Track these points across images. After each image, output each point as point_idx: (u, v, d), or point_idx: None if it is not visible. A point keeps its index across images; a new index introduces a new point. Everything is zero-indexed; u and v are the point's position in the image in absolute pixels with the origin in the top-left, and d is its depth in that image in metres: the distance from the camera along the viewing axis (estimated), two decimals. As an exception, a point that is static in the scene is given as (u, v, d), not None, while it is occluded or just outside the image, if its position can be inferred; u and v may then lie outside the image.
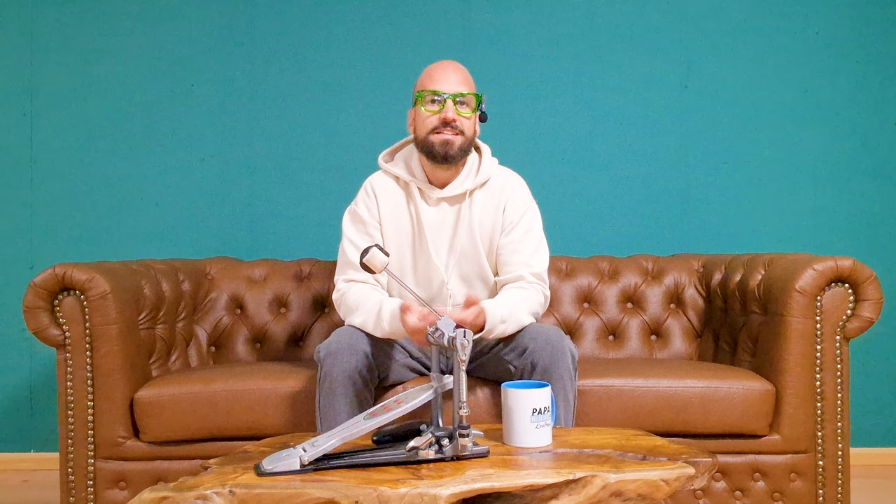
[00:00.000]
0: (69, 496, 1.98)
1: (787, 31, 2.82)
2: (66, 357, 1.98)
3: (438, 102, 1.91)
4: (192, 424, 1.95)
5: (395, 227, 1.99)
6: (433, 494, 1.18)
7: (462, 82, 1.93)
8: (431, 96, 1.92)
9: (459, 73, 1.95)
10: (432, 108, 1.92)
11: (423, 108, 1.92)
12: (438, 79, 1.92)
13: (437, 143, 1.91)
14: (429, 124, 1.92)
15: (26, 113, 2.80)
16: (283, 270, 2.51)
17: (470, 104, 1.94)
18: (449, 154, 1.91)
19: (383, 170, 2.03)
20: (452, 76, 1.93)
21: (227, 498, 1.19)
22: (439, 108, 1.91)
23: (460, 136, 1.92)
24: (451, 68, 1.95)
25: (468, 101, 1.93)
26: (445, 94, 1.90)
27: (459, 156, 1.93)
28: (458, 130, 1.91)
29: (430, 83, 1.93)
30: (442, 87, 1.91)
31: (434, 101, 1.91)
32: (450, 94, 1.90)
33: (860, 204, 2.82)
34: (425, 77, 1.96)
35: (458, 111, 1.91)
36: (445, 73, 1.93)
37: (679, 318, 2.47)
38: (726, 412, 1.94)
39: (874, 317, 1.98)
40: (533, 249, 1.97)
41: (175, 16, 2.81)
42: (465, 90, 1.93)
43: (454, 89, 1.91)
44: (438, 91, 1.91)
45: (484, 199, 1.99)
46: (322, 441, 1.31)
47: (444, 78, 1.92)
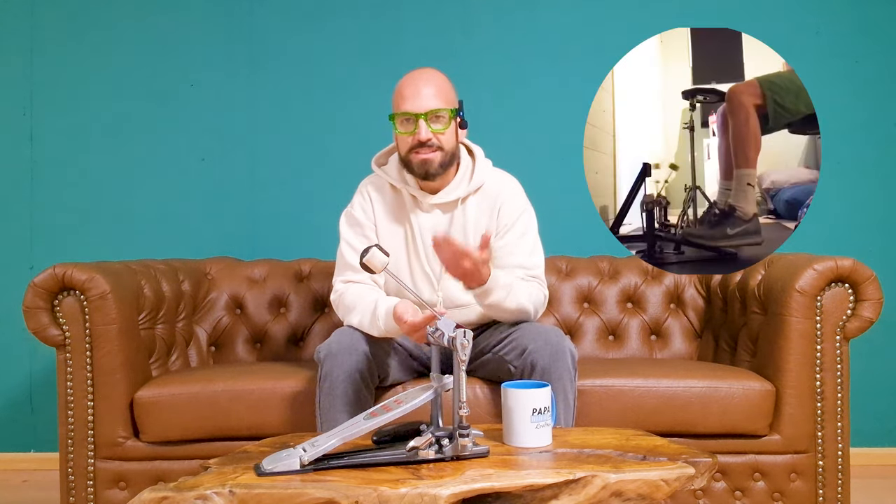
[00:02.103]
0: (69, 496, 1.98)
1: (786, 31, 2.82)
2: (66, 357, 1.98)
3: (411, 122, 1.87)
4: (192, 424, 1.95)
5: (389, 231, 1.99)
6: (433, 494, 1.18)
7: (434, 95, 1.87)
8: (403, 118, 1.88)
9: (430, 85, 1.88)
10: (406, 130, 1.89)
11: (397, 130, 1.90)
12: (408, 96, 1.87)
13: (416, 163, 1.89)
14: (406, 145, 1.90)
15: (26, 113, 2.80)
16: (282, 270, 2.52)
17: (444, 118, 1.89)
18: (429, 171, 1.90)
19: (377, 174, 2.03)
20: (423, 91, 1.87)
21: (227, 498, 1.19)
22: (412, 128, 1.87)
23: (439, 151, 1.89)
24: (422, 82, 1.89)
25: (442, 115, 1.88)
26: (417, 112, 1.86)
27: (441, 170, 1.92)
28: (435, 147, 1.88)
29: (402, 102, 1.88)
30: (412, 107, 1.86)
31: (406, 121, 1.88)
32: (421, 114, 1.86)
33: (860, 204, 2.82)
34: (397, 96, 1.91)
35: (432, 129, 1.87)
36: (415, 88, 1.88)
37: (679, 318, 2.47)
38: (726, 412, 1.94)
39: (874, 317, 1.98)
40: (529, 252, 1.96)
41: (175, 16, 2.81)
42: (437, 104, 1.87)
43: (425, 106, 1.86)
44: (409, 111, 1.86)
45: (478, 203, 1.98)
46: (322, 441, 1.31)
47: (414, 94, 1.87)
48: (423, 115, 1.86)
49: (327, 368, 1.76)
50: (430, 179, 1.92)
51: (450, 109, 1.89)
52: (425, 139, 1.87)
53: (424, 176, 1.91)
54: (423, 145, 1.87)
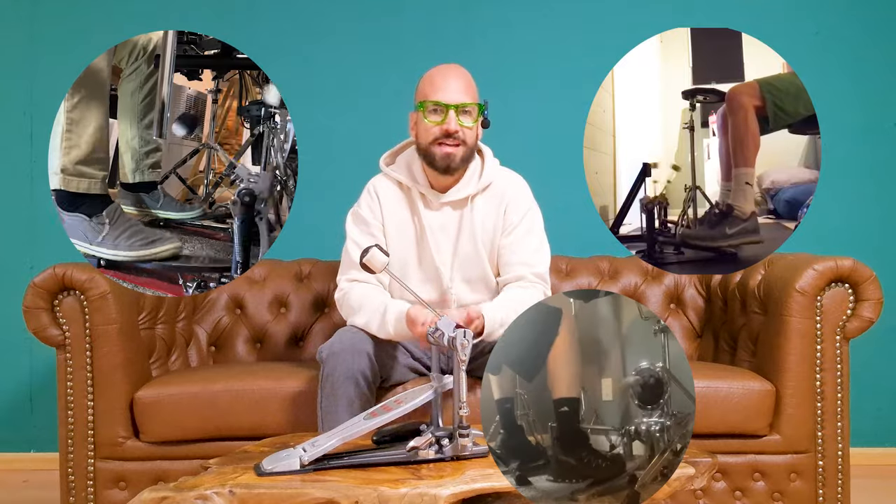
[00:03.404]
0: (69, 496, 1.98)
1: (786, 31, 2.82)
2: (66, 357, 1.98)
3: (440, 113, 1.87)
4: (192, 424, 1.95)
5: (398, 230, 1.98)
6: (433, 494, 1.18)
7: (464, 90, 1.89)
8: (433, 106, 1.88)
9: (461, 80, 1.91)
10: (434, 119, 1.88)
11: (425, 118, 1.89)
12: (440, 87, 1.88)
13: (439, 156, 1.89)
14: (431, 135, 1.89)
15: (26, 112, 2.80)
16: (283, 270, 2.51)
17: (472, 113, 1.90)
18: (451, 166, 1.90)
19: (385, 173, 2.03)
20: (454, 84, 1.89)
21: (227, 498, 1.19)
22: (441, 118, 1.87)
23: (462, 146, 1.89)
24: (454, 75, 1.91)
25: (471, 111, 1.90)
26: (448, 104, 1.87)
27: (462, 165, 1.93)
28: (460, 141, 1.89)
29: (433, 91, 1.89)
30: (444, 97, 1.87)
31: (436, 111, 1.88)
32: (452, 105, 1.87)
33: (860, 204, 2.82)
34: (427, 84, 1.91)
35: (461, 122, 1.88)
36: (447, 80, 1.89)
37: (679, 318, 2.47)
38: (726, 412, 1.94)
39: (874, 317, 1.98)
40: (534, 250, 1.97)
41: (176, 16, 2.81)
42: (468, 99, 1.89)
43: (456, 99, 1.87)
44: (440, 101, 1.87)
45: (486, 203, 1.98)
46: (322, 441, 1.31)
47: (446, 86, 1.88)
48: (453, 105, 1.87)
49: (329, 369, 1.76)
50: (449, 174, 1.92)
51: (478, 105, 1.91)
52: (454, 130, 1.87)
53: (445, 170, 1.91)
54: (450, 136, 1.87)
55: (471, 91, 1.91)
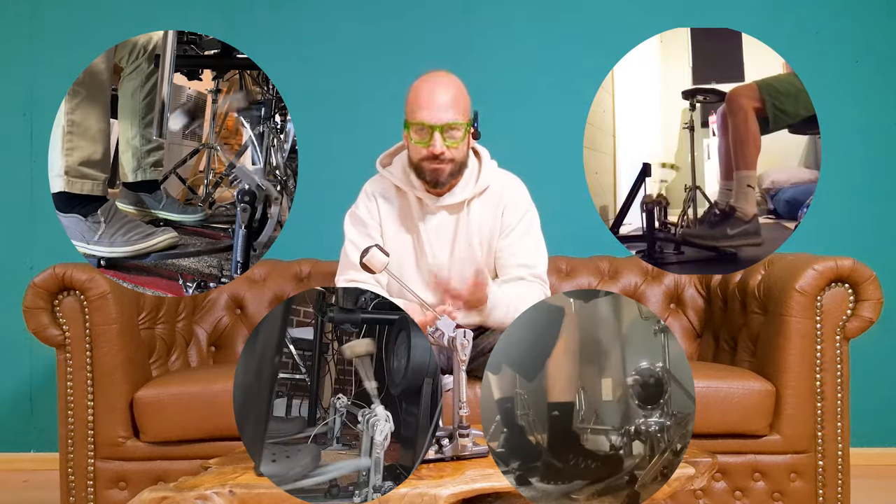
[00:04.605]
0: (69, 496, 1.98)
1: (787, 31, 2.82)
2: (66, 357, 1.98)
3: (426, 134, 1.84)
4: (192, 424, 1.95)
5: (395, 232, 1.98)
6: (433, 494, 1.18)
7: (451, 105, 1.83)
8: (418, 127, 1.84)
9: (448, 93, 1.84)
10: (420, 140, 1.85)
11: (412, 138, 1.87)
12: (425, 104, 1.83)
13: (428, 172, 1.89)
14: (418, 154, 1.88)
15: (26, 113, 2.80)
16: (283, 270, 2.52)
17: (460, 130, 1.86)
18: (439, 181, 1.90)
19: (381, 174, 2.03)
20: (440, 99, 1.83)
21: (227, 498, 1.19)
22: (427, 140, 1.84)
23: (450, 163, 1.88)
24: (441, 88, 1.85)
25: (458, 128, 1.85)
26: (433, 125, 1.82)
27: (451, 179, 1.91)
28: (447, 160, 1.87)
29: (418, 109, 1.83)
30: (428, 118, 1.82)
31: (421, 131, 1.84)
32: (437, 126, 1.82)
33: (860, 204, 2.82)
34: (412, 101, 1.86)
35: (447, 142, 1.84)
36: (433, 95, 1.83)
37: (679, 318, 2.47)
38: (726, 412, 1.94)
39: (874, 317, 1.98)
40: (532, 251, 1.97)
41: (176, 16, 2.81)
42: (455, 116, 1.83)
43: (442, 119, 1.82)
44: (424, 122, 1.82)
45: (483, 205, 1.98)
46: (322, 441, 1.31)
47: (431, 103, 1.82)
48: (438, 127, 1.82)
49: (327, 368, 1.76)
50: (438, 188, 1.93)
51: (465, 123, 1.86)
52: (439, 153, 1.84)
53: (434, 185, 1.91)
54: (436, 158, 1.86)
55: (459, 104, 1.85)
